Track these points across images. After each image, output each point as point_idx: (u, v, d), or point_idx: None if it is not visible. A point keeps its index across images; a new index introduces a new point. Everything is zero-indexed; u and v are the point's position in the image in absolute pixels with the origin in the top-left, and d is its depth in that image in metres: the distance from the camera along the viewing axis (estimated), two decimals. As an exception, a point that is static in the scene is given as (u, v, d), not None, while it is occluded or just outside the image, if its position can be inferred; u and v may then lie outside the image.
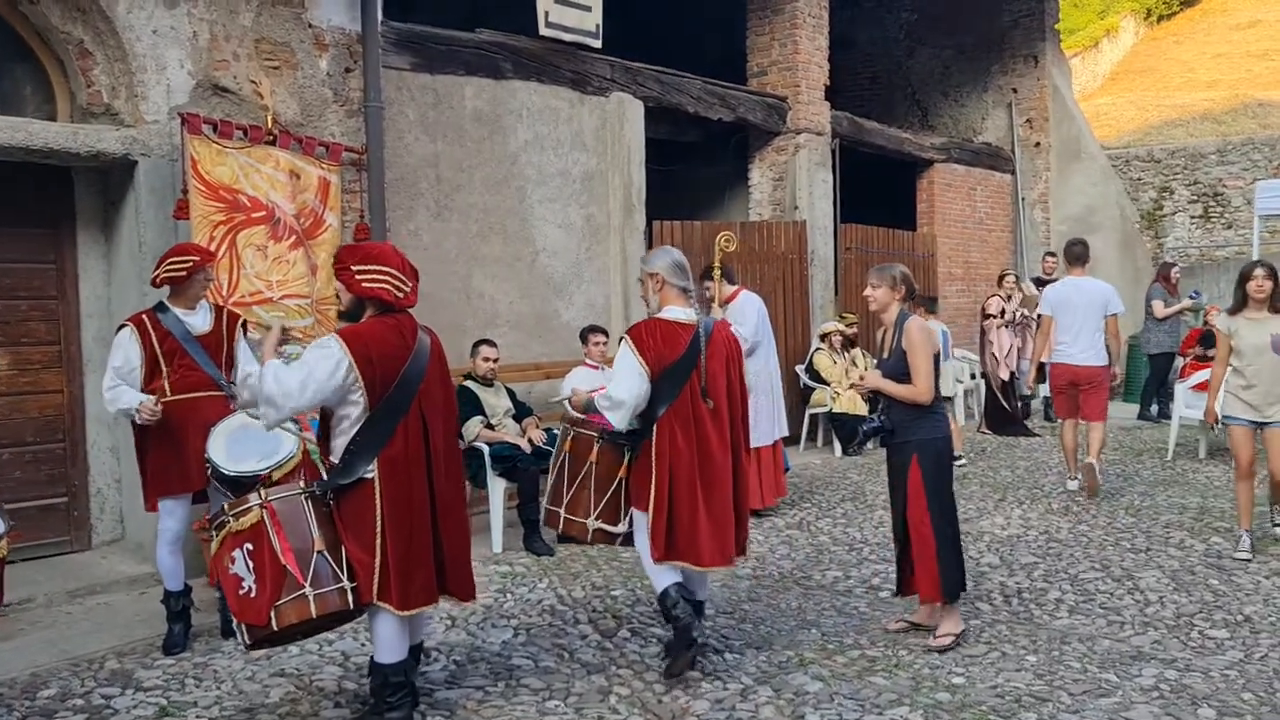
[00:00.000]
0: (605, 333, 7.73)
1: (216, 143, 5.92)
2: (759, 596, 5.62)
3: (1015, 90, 14.78)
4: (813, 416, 10.24)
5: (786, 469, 7.93)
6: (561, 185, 8.58)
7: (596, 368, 7.55)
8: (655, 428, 4.33)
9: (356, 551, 3.71)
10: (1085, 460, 7.88)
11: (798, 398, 10.27)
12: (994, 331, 10.92)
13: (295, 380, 3.67)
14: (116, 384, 4.79)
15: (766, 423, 7.36)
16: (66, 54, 5.83)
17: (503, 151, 8.12)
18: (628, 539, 4.62)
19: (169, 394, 4.81)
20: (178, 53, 5.94)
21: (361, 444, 3.70)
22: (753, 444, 7.24)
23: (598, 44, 8.70)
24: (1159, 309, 11.64)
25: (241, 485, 4.54)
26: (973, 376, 12.00)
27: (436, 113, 7.69)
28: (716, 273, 6.90)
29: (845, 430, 9.74)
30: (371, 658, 3.93)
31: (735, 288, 7.50)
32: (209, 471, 4.67)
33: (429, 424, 3.83)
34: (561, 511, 4.63)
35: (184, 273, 4.85)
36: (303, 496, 3.74)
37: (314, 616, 3.64)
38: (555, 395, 7.69)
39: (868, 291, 4.97)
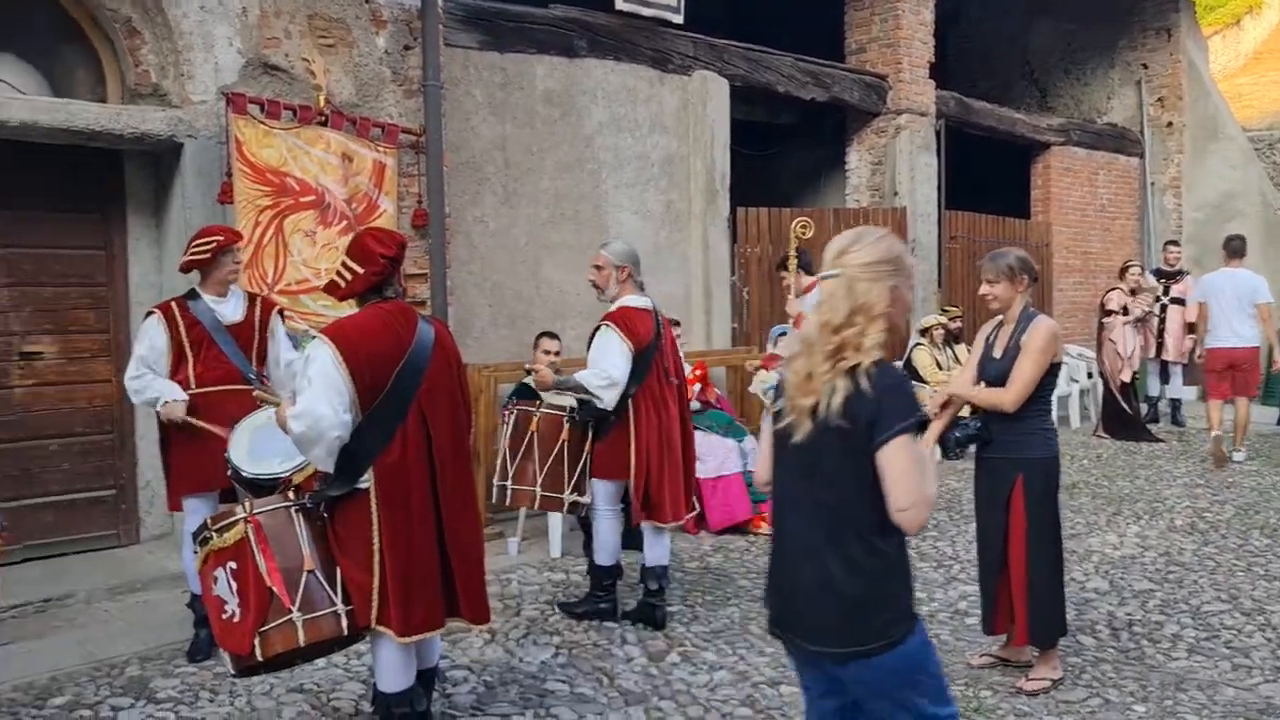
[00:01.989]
0: (677, 322, 7.26)
1: (263, 123, 5.67)
2: (830, 619, 5.08)
3: (1145, 66, 13.67)
4: (910, 417, 9.55)
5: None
6: (639, 170, 8.13)
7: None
8: (632, 404, 4.77)
9: (352, 571, 3.33)
10: (1215, 434, 8.56)
11: (894, 396, 9.61)
12: (1116, 329, 10.03)
13: (323, 404, 3.23)
14: (142, 373, 4.55)
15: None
16: (115, 33, 5.65)
17: (576, 134, 7.72)
18: (573, 508, 4.95)
19: (193, 386, 4.55)
20: (226, 30, 5.70)
21: (355, 451, 3.31)
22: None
23: (679, 19, 8.22)
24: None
25: (261, 488, 4.23)
26: (1089, 375, 11.12)
27: (505, 93, 7.33)
28: (792, 263, 6.35)
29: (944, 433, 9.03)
30: (374, 685, 3.56)
31: (815, 277, 6.91)
32: (229, 472, 4.38)
33: (431, 428, 3.42)
34: (510, 485, 4.89)
35: (208, 254, 4.57)
36: (292, 509, 3.36)
37: (301, 645, 3.27)
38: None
39: (984, 289, 4.28)
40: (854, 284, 2.41)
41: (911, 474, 2.28)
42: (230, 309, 4.71)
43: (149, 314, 4.66)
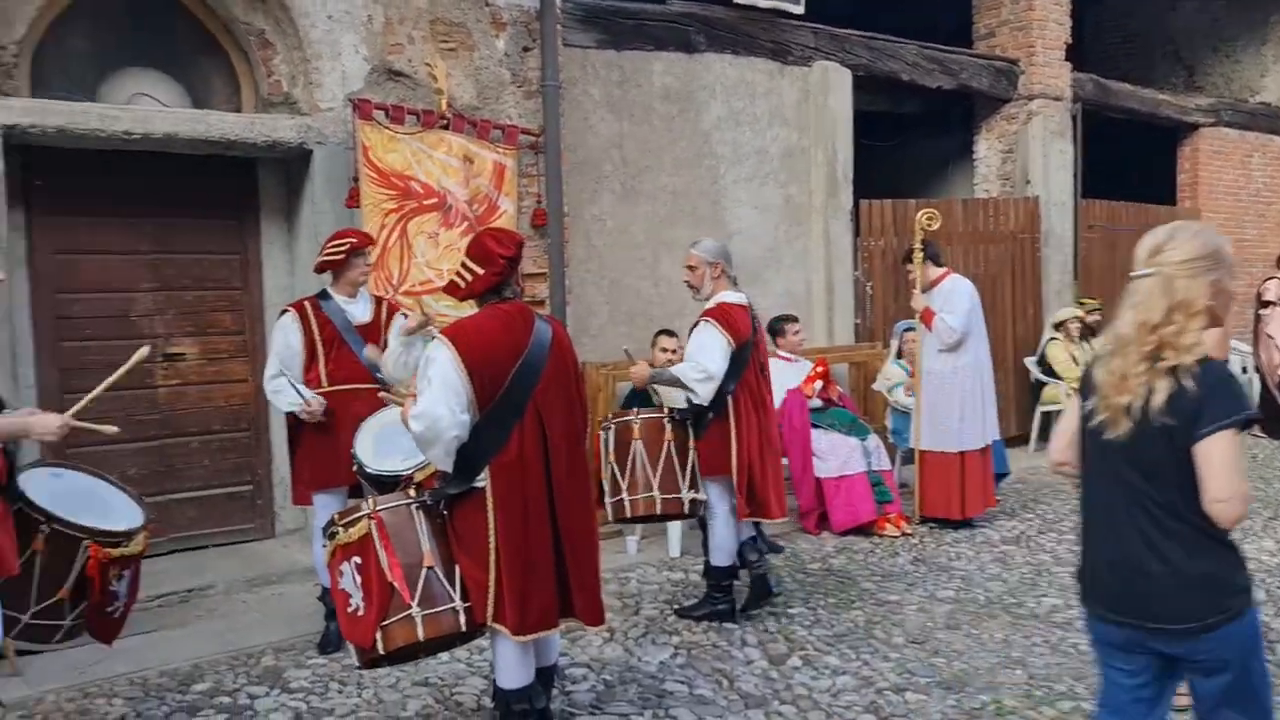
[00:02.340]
0: (797, 319, 7.15)
1: (388, 128, 5.80)
2: (958, 624, 4.90)
3: (1301, 41, 12.80)
4: (1045, 414, 9.16)
5: (1003, 475, 7.06)
6: (758, 164, 8.02)
7: (790, 359, 6.98)
8: (731, 400, 4.77)
9: (470, 568, 3.35)
10: None
11: (1026, 393, 9.24)
12: (1274, 321, 9.39)
13: (441, 405, 3.27)
14: (279, 373, 4.69)
15: (974, 425, 6.54)
16: (249, 45, 5.87)
17: (694, 130, 7.67)
18: (693, 507, 4.84)
19: (324, 384, 4.69)
20: (352, 38, 5.85)
21: (472, 450, 3.33)
22: (956, 447, 6.51)
23: (799, 9, 8.07)
24: None
25: (384, 484, 4.32)
26: (1244, 370, 10.46)
27: (623, 91, 7.33)
28: (917, 255, 6.14)
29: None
30: (493, 681, 3.59)
31: (943, 270, 6.69)
32: (355, 468, 4.49)
33: (547, 427, 3.41)
34: (625, 497, 4.75)
35: (341, 255, 4.70)
36: (413, 507, 3.40)
37: (421, 640, 3.31)
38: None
39: None
40: (1171, 281, 2.41)
41: (1231, 468, 2.35)
42: (360, 310, 4.84)
43: (283, 312, 4.81)
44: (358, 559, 3.35)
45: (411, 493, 3.49)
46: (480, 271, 3.45)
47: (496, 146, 6.23)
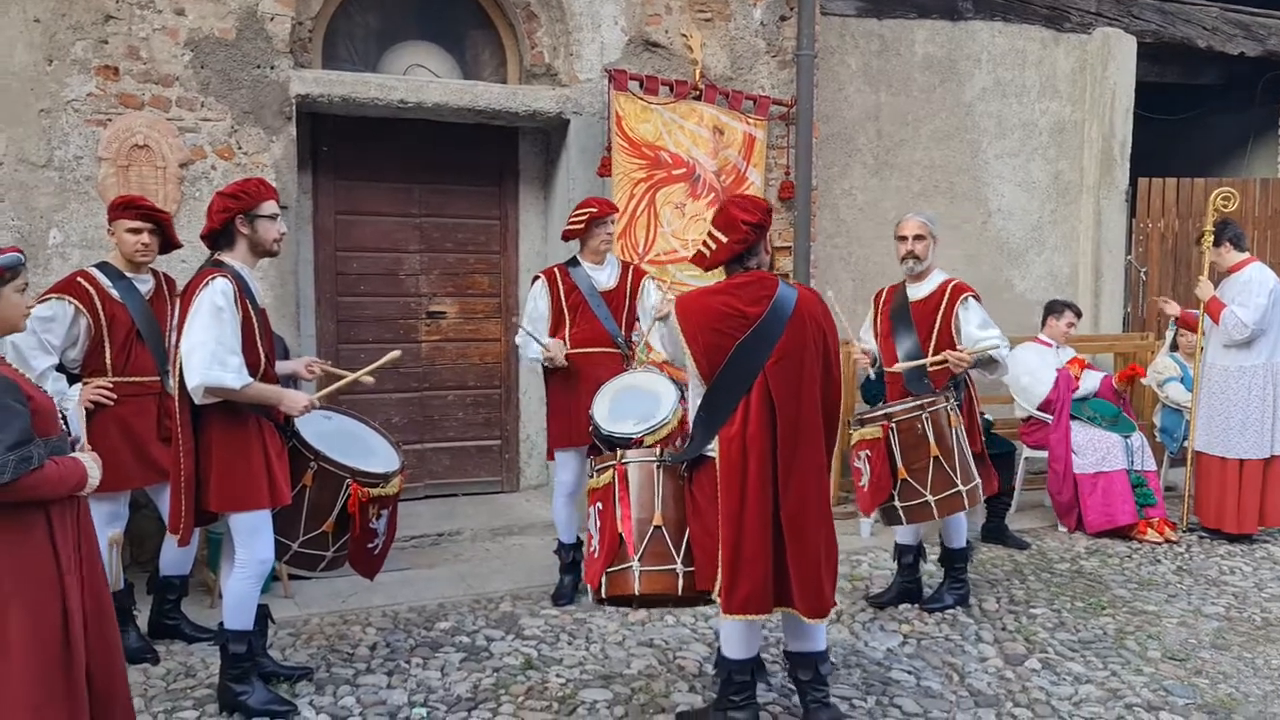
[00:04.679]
0: (1078, 311, 6.64)
1: (641, 99, 5.88)
2: (1227, 644, 4.46)
3: None
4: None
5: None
6: (1024, 138, 7.56)
7: (1049, 344, 6.54)
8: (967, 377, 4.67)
9: (700, 534, 3.34)
10: None
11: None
12: None
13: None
14: (526, 334, 4.91)
15: (1257, 433, 5.89)
16: (516, 18, 6.11)
17: (955, 101, 7.31)
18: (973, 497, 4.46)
19: (568, 347, 4.84)
20: (612, 9, 5.97)
21: (704, 419, 3.32)
22: (1237, 454, 5.93)
23: (1080, -29, 7.51)
24: None
25: (615, 445, 4.42)
26: None
27: (881, 61, 7.08)
28: (1208, 239, 5.58)
29: None
30: (718, 649, 3.59)
31: (1244, 256, 6.03)
32: (590, 428, 4.62)
33: (777, 403, 3.27)
34: (930, 496, 4.32)
35: (581, 224, 4.83)
36: (656, 465, 3.45)
37: (636, 593, 3.38)
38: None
39: None
40: None
41: None
42: (605, 276, 4.96)
43: (535, 279, 5.02)
44: (600, 504, 3.49)
45: (659, 452, 3.54)
46: (724, 239, 3.37)
47: (747, 117, 6.19)
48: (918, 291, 4.74)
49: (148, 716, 3.60)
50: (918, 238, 4.71)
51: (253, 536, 3.56)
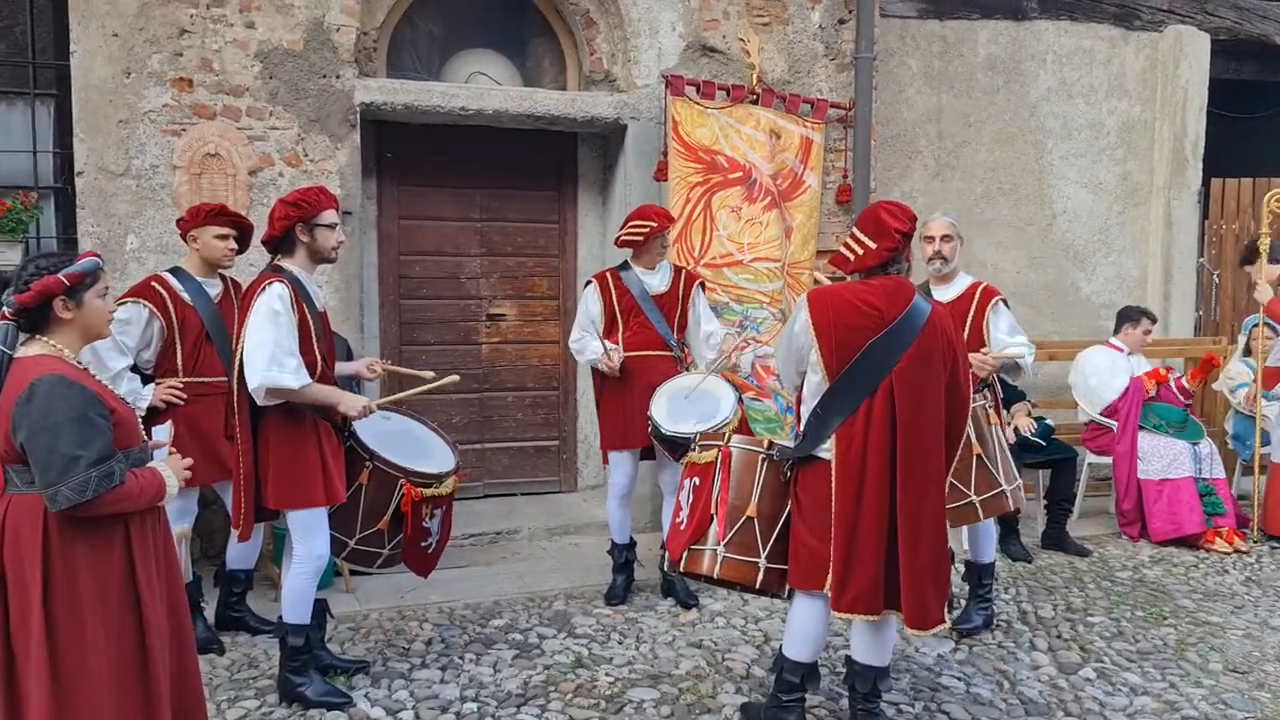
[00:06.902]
0: (1154, 318, 6.49)
1: (698, 103, 5.92)
2: (1294, 659, 4.35)
3: None
4: None
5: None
6: (1091, 138, 7.42)
7: (1121, 350, 6.41)
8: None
9: (805, 535, 3.32)
10: None
11: None
12: None
13: (781, 343, 3.51)
14: (581, 335, 4.99)
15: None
16: (575, 25, 6.19)
17: (1019, 102, 7.22)
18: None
19: (621, 350, 4.89)
20: (670, 15, 6.02)
21: (820, 417, 3.29)
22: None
23: (1151, -32, 7.35)
24: None
25: (677, 445, 4.47)
26: None
27: (943, 62, 7.03)
28: (1264, 244, 5.44)
29: None
30: (780, 646, 3.60)
31: (1280, 270, 5.88)
32: (649, 429, 4.67)
33: (899, 410, 3.20)
34: (975, 497, 4.20)
35: (641, 238, 4.89)
36: (761, 456, 3.49)
37: (715, 576, 3.48)
38: (1063, 380, 6.74)
39: None
40: None
41: None
42: (658, 280, 5.01)
43: (588, 283, 5.09)
44: (697, 480, 3.56)
45: (766, 444, 3.56)
46: (872, 245, 3.31)
47: (804, 121, 6.19)
48: (944, 294, 4.62)
49: (211, 705, 3.74)
50: (945, 238, 4.60)
51: (309, 533, 3.69)
